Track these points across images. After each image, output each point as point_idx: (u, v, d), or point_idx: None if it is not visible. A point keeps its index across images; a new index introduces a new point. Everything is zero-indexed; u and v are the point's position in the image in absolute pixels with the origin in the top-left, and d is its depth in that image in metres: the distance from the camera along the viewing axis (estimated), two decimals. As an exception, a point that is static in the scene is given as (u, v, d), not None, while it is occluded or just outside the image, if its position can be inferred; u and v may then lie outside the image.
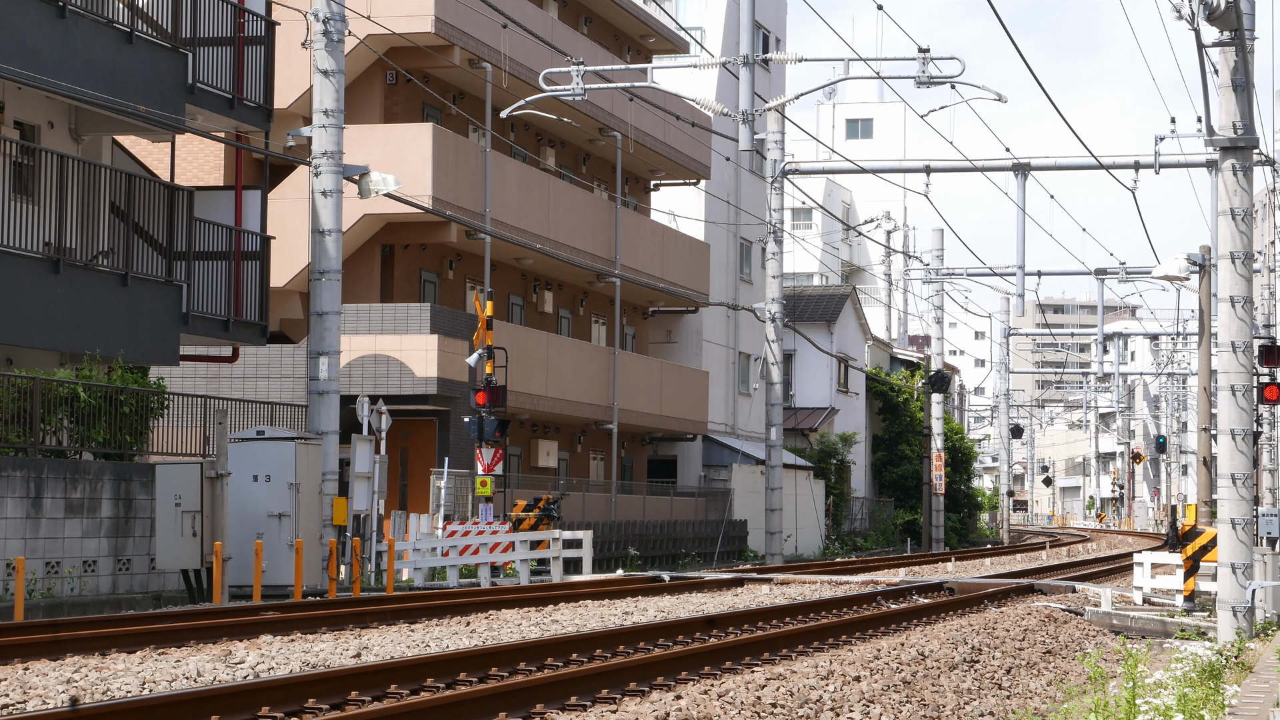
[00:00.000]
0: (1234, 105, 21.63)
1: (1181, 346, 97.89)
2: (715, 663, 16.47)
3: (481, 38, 41.45)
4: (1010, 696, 16.54)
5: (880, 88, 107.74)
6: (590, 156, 51.85)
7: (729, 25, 60.25)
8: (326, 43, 28.32)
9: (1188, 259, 30.18)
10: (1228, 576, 21.69)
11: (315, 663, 15.71)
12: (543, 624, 20.83)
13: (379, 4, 36.59)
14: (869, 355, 74.67)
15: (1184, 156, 41.90)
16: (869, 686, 15.27)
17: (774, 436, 48.08)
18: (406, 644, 17.71)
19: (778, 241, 48.15)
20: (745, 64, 31.58)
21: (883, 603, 26.93)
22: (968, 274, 60.81)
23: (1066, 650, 21.56)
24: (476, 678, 14.80)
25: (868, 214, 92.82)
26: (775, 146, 47.26)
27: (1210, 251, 30.83)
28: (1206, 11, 20.52)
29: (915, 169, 44.94)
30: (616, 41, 53.73)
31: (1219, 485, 22.11)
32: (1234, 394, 21.74)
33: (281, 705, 12.55)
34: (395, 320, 38.74)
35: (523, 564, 32.69)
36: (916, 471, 70.88)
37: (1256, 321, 50.40)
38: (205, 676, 14.39)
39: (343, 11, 28.53)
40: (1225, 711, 12.04)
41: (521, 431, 45.88)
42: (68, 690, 13.14)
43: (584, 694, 13.82)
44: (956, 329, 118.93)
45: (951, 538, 70.56)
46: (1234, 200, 21.71)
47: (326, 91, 28.39)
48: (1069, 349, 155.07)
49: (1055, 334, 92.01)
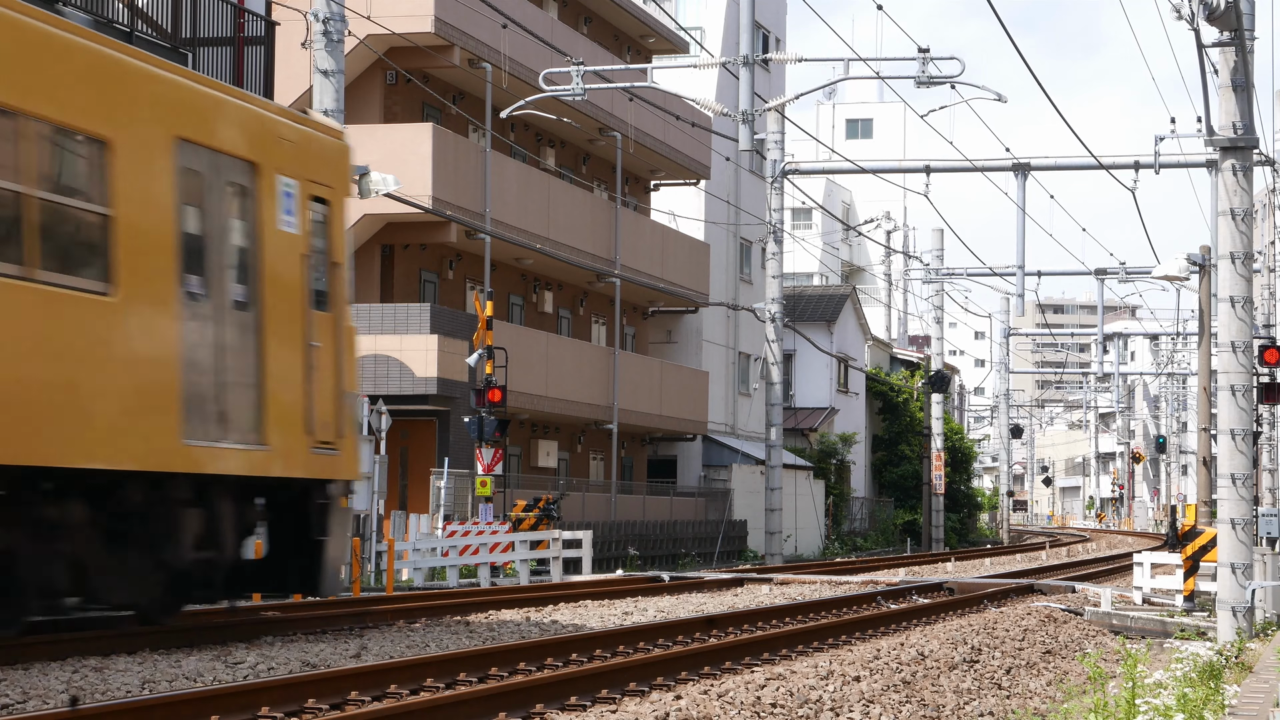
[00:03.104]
0: (1234, 105, 21.64)
1: (1181, 346, 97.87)
2: (715, 663, 16.48)
3: (481, 38, 41.45)
4: (1010, 696, 16.54)
5: (880, 88, 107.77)
6: (590, 156, 51.85)
7: (729, 25, 60.25)
8: (326, 43, 28.32)
9: (1188, 259, 30.18)
10: (1227, 576, 21.69)
11: (315, 663, 15.72)
12: (542, 624, 20.83)
13: (379, 4, 36.58)
14: (869, 355, 74.68)
15: (1184, 156, 41.91)
16: (869, 686, 15.28)
17: (774, 436, 48.08)
18: (406, 644, 17.72)
19: (778, 241, 48.14)
20: (745, 64, 31.58)
21: (882, 603, 26.94)
22: (968, 274, 60.82)
23: (1066, 650, 21.57)
24: (476, 678, 14.80)
25: (868, 214, 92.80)
26: (775, 146, 47.25)
27: (1210, 251, 30.83)
28: (1206, 11, 20.52)
29: (915, 169, 44.95)
30: (616, 41, 53.73)
31: (1219, 485, 22.12)
32: (1234, 394, 21.74)
33: (281, 705, 12.55)
34: (395, 320, 38.74)
35: (522, 564, 32.69)
36: (916, 471, 70.88)
37: (1256, 321, 50.40)
38: (205, 676, 14.40)
39: (343, 11, 28.53)
40: (1225, 711, 12.04)
41: (521, 431, 45.88)
42: (68, 690, 13.14)
43: (584, 694, 13.82)
44: (956, 329, 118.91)
45: (951, 538, 70.54)
46: (1234, 200, 21.71)
47: (326, 91, 28.39)
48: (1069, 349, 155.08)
49: (1055, 334, 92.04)
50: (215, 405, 16.87)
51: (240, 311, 17.43)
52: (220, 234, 17.29)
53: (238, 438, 17.22)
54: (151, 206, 16.29)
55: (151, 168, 16.34)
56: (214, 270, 17.09)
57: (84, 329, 15.37)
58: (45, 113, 15.13)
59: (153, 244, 16.25)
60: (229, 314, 17.27)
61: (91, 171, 15.69)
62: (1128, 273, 56.48)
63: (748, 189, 60.58)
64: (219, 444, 16.91)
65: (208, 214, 17.15)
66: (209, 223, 17.16)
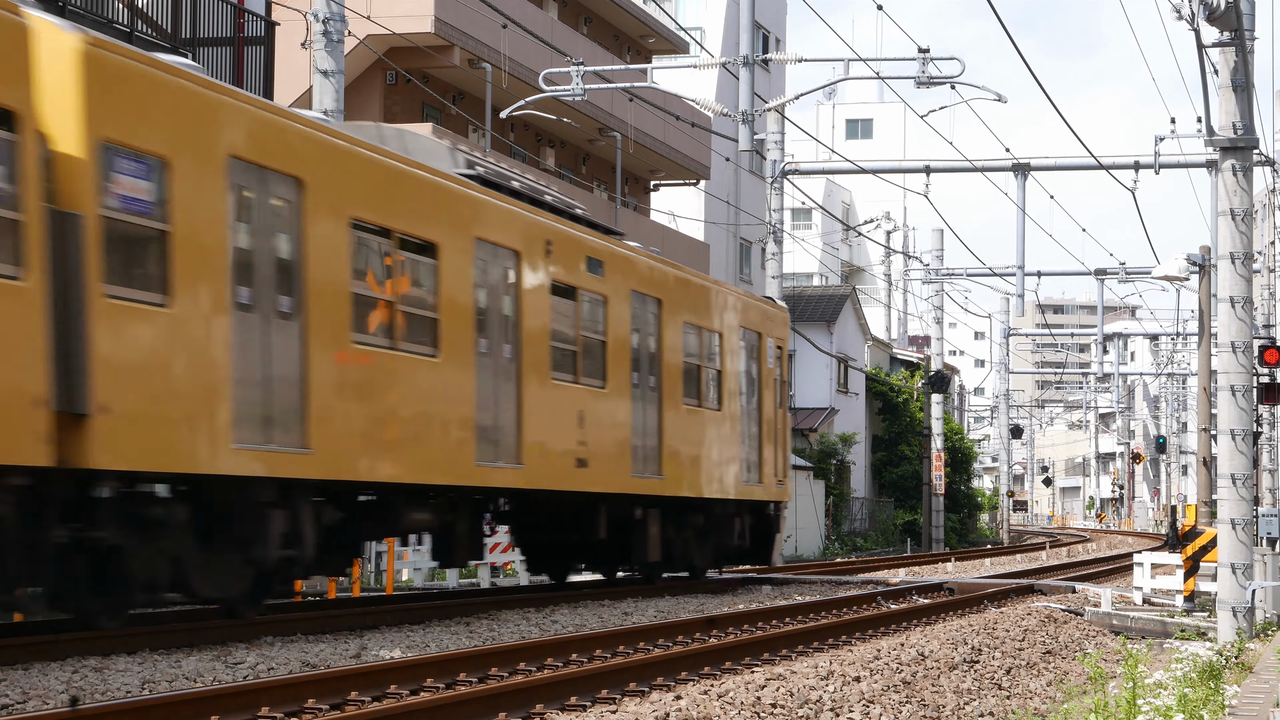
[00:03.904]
0: (1234, 105, 21.64)
1: (1181, 347, 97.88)
2: (715, 663, 16.48)
3: (481, 38, 41.46)
4: (1010, 697, 16.54)
5: (880, 88, 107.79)
6: (590, 157, 51.84)
7: (729, 25, 60.25)
8: (326, 43, 28.31)
9: (1187, 259, 30.18)
10: (1228, 577, 21.69)
11: (315, 663, 15.71)
12: (542, 624, 20.83)
13: (379, 4, 36.58)
14: (869, 355, 74.66)
15: (1184, 157, 41.92)
16: (869, 687, 15.27)
17: (774, 437, 48.08)
18: (406, 644, 17.72)
19: (777, 242, 48.12)
20: (745, 64, 31.58)
21: (882, 603, 26.93)
22: (967, 274, 60.82)
23: (1066, 650, 21.57)
24: (476, 678, 14.79)
25: (867, 214, 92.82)
26: (775, 147, 47.23)
27: (1210, 252, 30.83)
28: (1206, 12, 20.52)
29: (915, 169, 44.95)
30: (616, 42, 53.73)
31: (1219, 485, 22.12)
32: (1234, 394, 21.74)
33: (281, 705, 12.54)
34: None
35: (522, 564, 32.67)
36: (916, 472, 70.86)
37: (1256, 322, 50.40)
38: (205, 677, 14.39)
39: (342, 12, 28.53)
40: (1225, 712, 12.04)
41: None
42: (68, 690, 13.14)
43: (584, 694, 13.82)
44: (956, 329, 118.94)
45: (951, 538, 70.53)
46: (1234, 200, 21.71)
47: (326, 92, 28.38)
48: (1069, 349, 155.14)
49: (1055, 334, 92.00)
50: (751, 471, 30.73)
51: (751, 414, 30.93)
52: (747, 371, 30.77)
53: (756, 481, 31.01)
54: (728, 365, 29.74)
55: (730, 349, 29.88)
56: (737, 390, 30.20)
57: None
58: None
59: (725, 384, 29.54)
60: (748, 416, 30.71)
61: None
62: (1128, 273, 56.48)
63: (747, 189, 60.57)
64: (756, 485, 31.03)
65: (748, 362, 30.88)
66: (742, 365, 30.53)
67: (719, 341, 29.16)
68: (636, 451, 25.92)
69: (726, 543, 30.29)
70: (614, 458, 25.10)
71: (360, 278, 18.90)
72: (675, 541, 28.08)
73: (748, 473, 30.48)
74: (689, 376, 27.81)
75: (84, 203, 14.65)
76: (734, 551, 31.03)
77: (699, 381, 28.21)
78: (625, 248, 25.87)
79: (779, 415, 32.26)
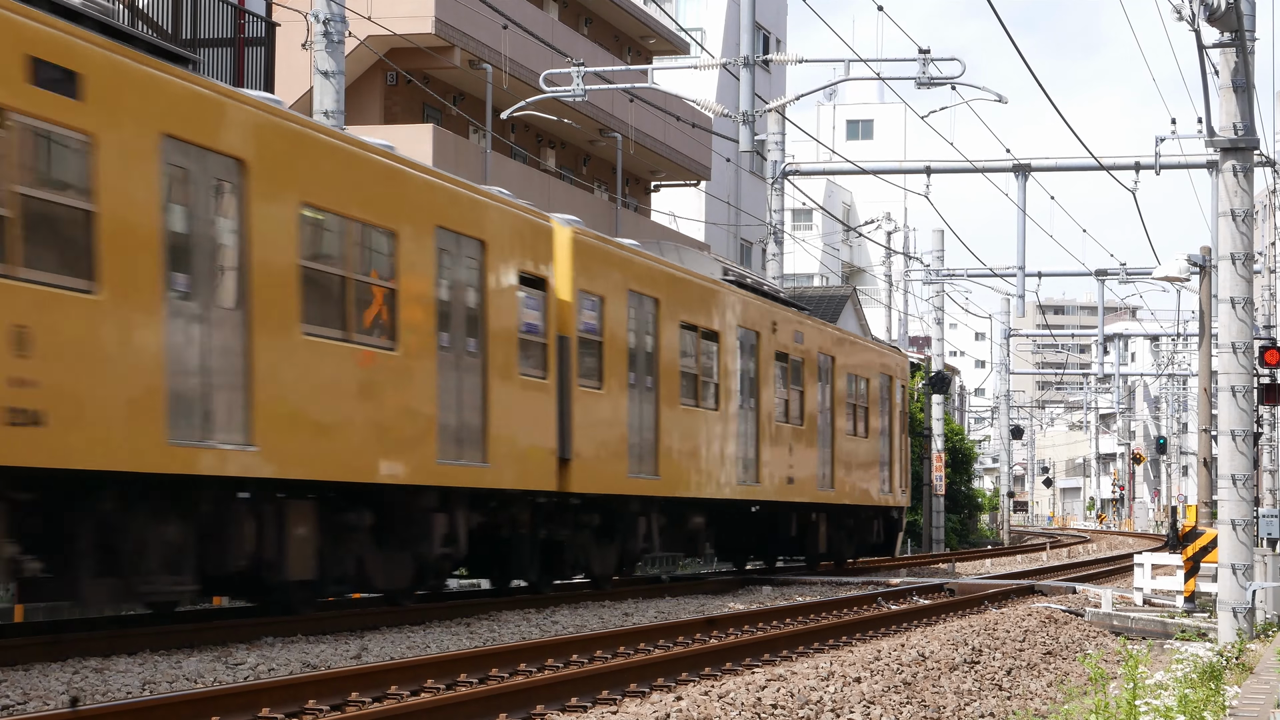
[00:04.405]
0: (1234, 106, 21.63)
1: (1182, 347, 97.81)
2: (715, 664, 16.48)
3: (482, 39, 41.45)
4: (1011, 697, 16.54)
5: (880, 89, 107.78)
6: (590, 157, 51.84)
7: (729, 26, 60.26)
8: (327, 44, 28.30)
9: (1188, 260, 30.18)
10: (1228, 577, 21.68)
11: (315, 663, 15.71)
12: (543, 624, 20.83)
13: (379, 5, 36.57)
14: (869, 356, 74.54)
15: (1184, 157, 41.92)
16: (869, 687, 15.27)
17: (774, 437, 48.09)
18: (406, 645, 17.72)
19: (778, 242, 48.11)
20: (745, 65, 31.57)
21: (883, 604, 26.92)
22: (968, 275, 60.81)
23: (1067, 651, 21.57)
24: (476, 678, 14.79)
25: (868, 215, 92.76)
26: (775, 147, 47.23)
27: (1210, 252, 30.82)
28: (1207, 12, 20.52)
29: (915, 170, 44.95)
30: (617, 42, 53.73)
31: (1219, 486, 22.11)
32: (1234, 395, 21.73)
33: (281, 706, 12.54)
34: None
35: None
36: (917, 472, 70.81)
37: (1257, 322, 50.39)
38: (206, 677, 14.39)
39: (343, 12, 28.52)
40: (1226, 712, 12.04)
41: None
42: (68, 691, 13.14)
43: (584, 695, 13.82)
44: (957, 330, 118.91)
45: (952, 538, 70.51)
46: (1234, 201, 21.70)
47: (327, 92, 28.36)
48: (1069, 350, 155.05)
49: (1055, 335, 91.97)
50: (884, 484, 39.05)
51: (887, 438, 39.45)
52: (883, 406, 39.28)
53: (889, 491, 39.44)
54: (872, 403, 38.77)
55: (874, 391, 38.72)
56: (878, 420, 38.89)
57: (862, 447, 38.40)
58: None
59: (870, 419, 38.56)
60: (885, 439, 39.40)
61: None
62: (1128, 274, 56.47)
63: (748, 190, 60.57)
64: (888, 494, 39.41)
65: (884, 399, 39.51)
66: (882, 401, 39.27)
67: (866, 386, 37.93)
68: (821, 472, 35.06)
69: (867, 539, 39.10)
70: (810, 479, 34.23)
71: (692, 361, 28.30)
72: (834, 538, 36.73)
73: (884, 485, 39.30)
74: (850, 412, 36.84)
75: (567, 329, 23.78)
76: (869, 547, 39.50)
77: (854, 416, 37.10)
78: (815, 322, 35.08)
79: (903, 439, 41.09)
